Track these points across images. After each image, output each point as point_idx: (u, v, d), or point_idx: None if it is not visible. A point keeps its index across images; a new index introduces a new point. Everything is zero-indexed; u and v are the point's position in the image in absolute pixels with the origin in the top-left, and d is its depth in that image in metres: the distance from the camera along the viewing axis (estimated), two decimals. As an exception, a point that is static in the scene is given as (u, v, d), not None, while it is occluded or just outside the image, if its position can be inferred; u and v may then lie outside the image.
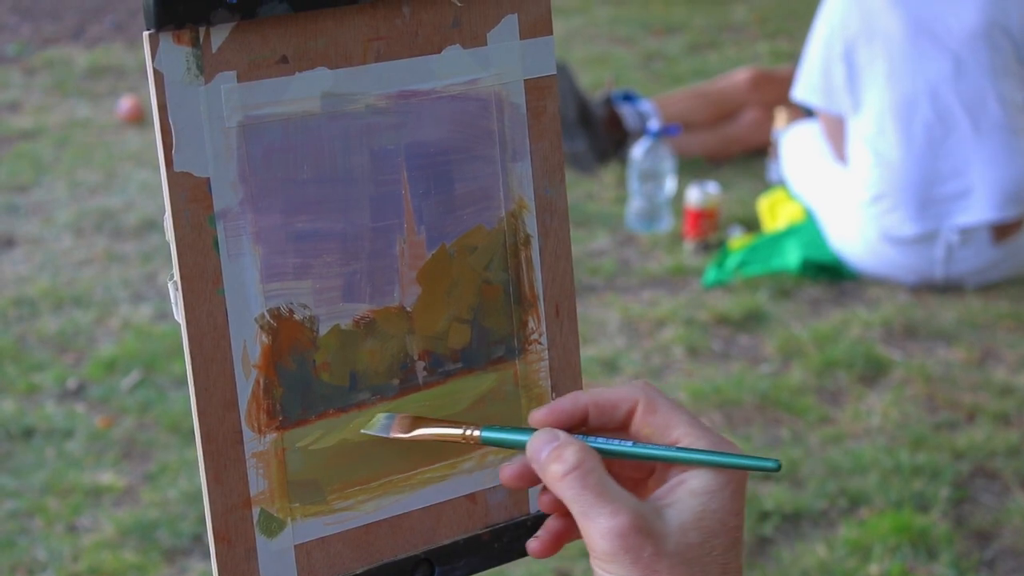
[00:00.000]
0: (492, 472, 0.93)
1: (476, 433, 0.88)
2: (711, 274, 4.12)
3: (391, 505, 0.90)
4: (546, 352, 0.94)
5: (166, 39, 0.80)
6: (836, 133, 4.22)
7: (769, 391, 3.43)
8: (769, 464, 0.82)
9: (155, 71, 0.80)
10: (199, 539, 2.91)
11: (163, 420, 3.36)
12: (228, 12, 0.81)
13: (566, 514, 0.85)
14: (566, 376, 0.95)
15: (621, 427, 0.86)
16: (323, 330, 0.87)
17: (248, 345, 0.84)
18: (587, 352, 3.57)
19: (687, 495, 0.81)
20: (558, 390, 0.94)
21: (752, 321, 3.85)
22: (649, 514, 0.80)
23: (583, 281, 4.07)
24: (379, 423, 0.89)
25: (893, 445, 3.18)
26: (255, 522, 0.86)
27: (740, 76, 5.25)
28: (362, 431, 0.89)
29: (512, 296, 0.92)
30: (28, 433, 3.33)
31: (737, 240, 4.33)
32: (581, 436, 0.84)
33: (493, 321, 0.92)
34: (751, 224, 4.50)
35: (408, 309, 0.89)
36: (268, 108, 0.83)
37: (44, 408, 3.44)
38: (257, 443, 0.85)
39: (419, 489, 0.91)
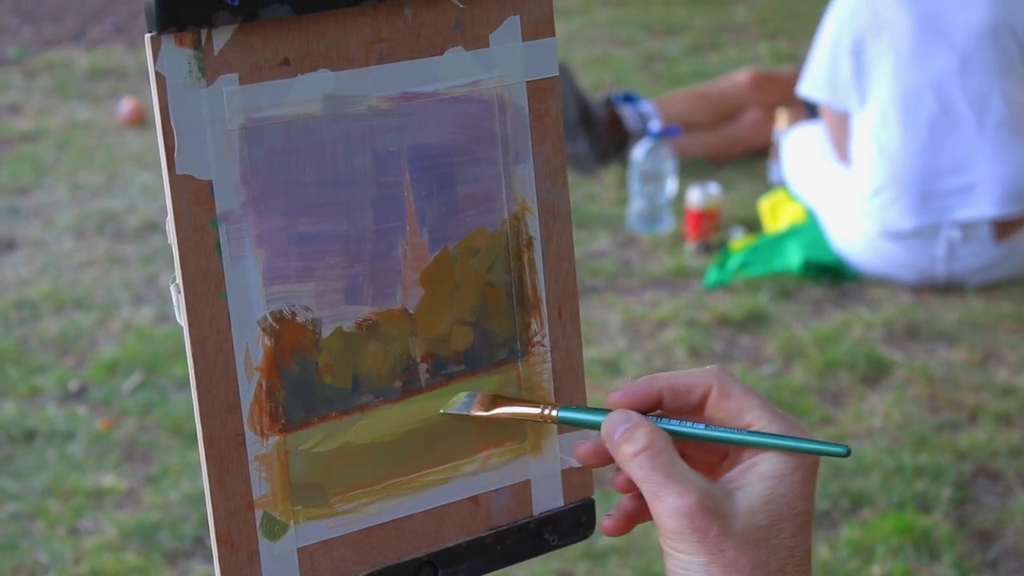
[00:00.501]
0: (495, 475, 0.93)
1: (553, 412, 0.89)
2: (712, 275, 4.12)
3: (394, 508, 0.90)
4: (549, 354, 0.94)
5: (168, 41, 0.80)
6: (839, 129, 4.22)
7: (771, 392, 3.43)
8: (839, 450, 0.83)
9: (157, 73, 0.80)
10: (201, 541, 2.91)
11: (164, 422, 3.36)
12: (230, 14, 0.81)
13: (639, 495, 0.86)
14: (569, 378, 0.94)
15: (695, 411, 0.87)
16: (325, 332, 0.86)
17: (250, 348, 0.84)
18: (588, 353, 3.57)
19: (756, 478, 0.82)
20: (560, 392, 0.94)
21: (753, 322, 3.85)
22: (717, 495, 0.81)
23: (584, 282, 4.07)
24: (459, 401, 0.90)
25: (895, 446, 3.17)
26: (258, 525, 0.85)
27: (741, 77, 5.25)
28: (442, 411, 0.90)
29: (515, 298, 0.92)
30: (30, 435, 3.33)
31: (738, 241, 4.33)
32: (653, 418, 0.86)
33: (496, 323, 0.92)
34: (752, 225, 4.50)
35: (411, 311, 0.89)
36: (270, 110, 0.83)
37: (45, 410, 3.44)
38: (260, 446, 0.85)
39: (422, 492, 0.91)
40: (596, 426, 0.87)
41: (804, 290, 4.05)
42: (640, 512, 0.89)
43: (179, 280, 0.82)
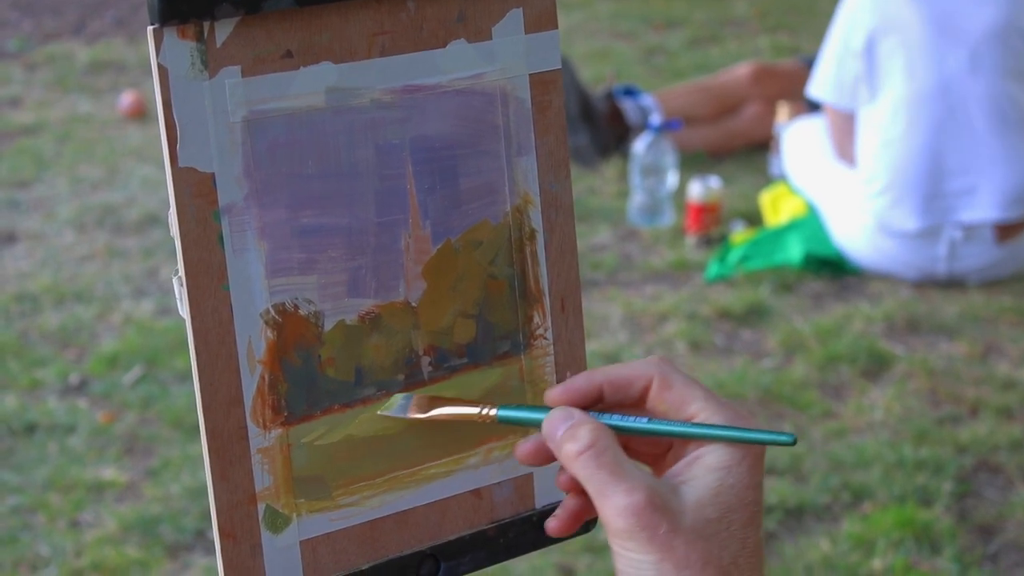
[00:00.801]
0: (497, 467, 0.93)
1: (492, 412, 0.88)
2: (713, 268, 4.12)
3: (396, 501, 0.90)
4: (551, 347, 0.94)
5: (170, 34, 0.79)
6: (842, 130, 4.22)
7: (772, 385, 3.43)
8: (784, 438, 0.81)
9: (159, 66, 0.80)
10: (202, 534, 2.91)
11: (165, 415, 3.36)
12: (232, 7, 0.81)
13: (583, 492, 0.84)
14: (572, 371, 0.94)
15: (637, 404, 0.85)
16: (328, 325, 0.86)
17: (253, 341, 0.84)
18: (589, 347, 3.57)
19: (703, 471, 0.81)
20: (564, 385, 0.94)
21: (754, 315, 3.85)
22: (665, 491, 0.80)
23: (585, 276, 4.07)
24: (396, 404, 0.89)
25: (896, 439, 3.18)
26: (260, 518, 0.85)
27: (741, 71, 5.25)
28: (379, 412, 0.88)
29: (517, 291, 0.92)
30: (30, 429, 3.33)
31: (739, 234, 4.33)
32: (595, 414, 0.84)
33: (498, 316, 0.92)
34: (753, 218, 4.50)
35: (413, 304, 0.89)
36: (273, 103, 0.83)
37: (46, 404, 3.44)
38: (262, 439, 0.85)
39: (424, 485, 0.91)
40: (537, 424, 0.85)
41: (805, 284, 4.05)
42: (585, 509, 0.87)
43: (181, 273, 0.82)
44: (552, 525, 0.89)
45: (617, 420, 0.84)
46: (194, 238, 0.82)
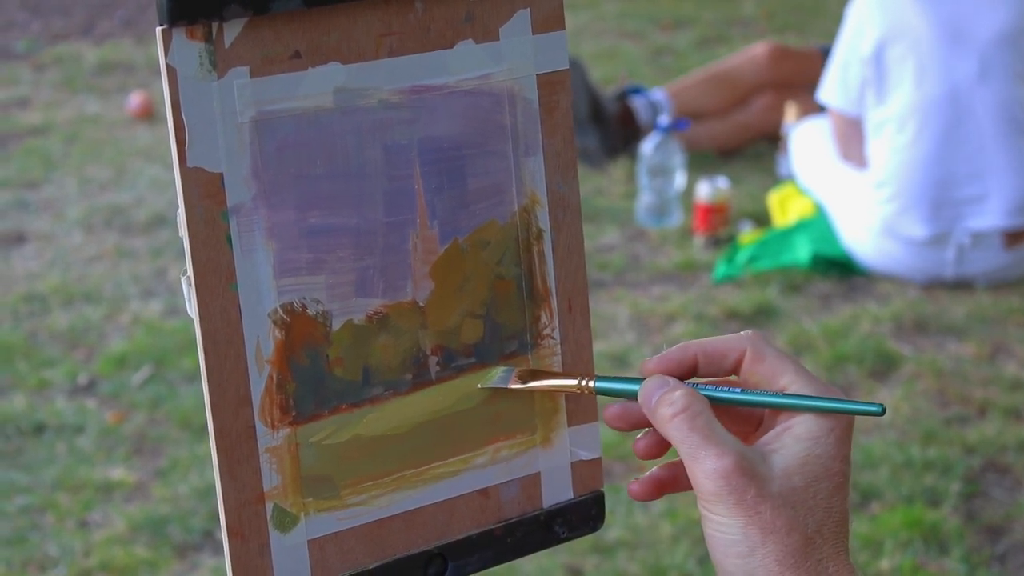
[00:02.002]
0: (504, 467, 0.93)
1: (591, 384, 0.90)
2: (721, 269, 4.12)
3: (404, 500, 0.90)
4: (559, 347, 0.94)
5: (179, 35, 0.80)
6: (846, 135, 4.20)
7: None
8: (873, 408, 0.84)
9: (168, 67, 0.80)
10: (210, 535, 2.91)
11: (174, 416, 3.36)
12: (241, 7, 0.81)
13: (669, 465, 0.89)
14: (578, 371, 0.94)
15: (729, 375, 0.88)
16: (336, 325, 0.87)
17: (261, 340, 0.84)
18: (597, 347, 3.56)
19: (792, 440, 0.83)
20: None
21: (762, 316, 3.85)
22: (754, 457, 0.82)
23: (592, 276, 4.07)
24: (497, 375, 0.91)
25: (904, 440, 3.17)
26: (268, 517, 0.86)
27: (758, 50, 5.17)
28: (480, 385, 0.91)
29: (525, 291, 0.92)
30: (39, 429, 3.34)
31: (747, 235, 4.32)
32: (689, 383, 0.87)
33: (506, 316, 0.92)
34: (761, 219, 4.50)
35: (421, 304, 0.89)
36: (281, 103, 0.83)
37: (55, 404, 3.44)
38: (270, 438, 0.85)
39: (432, 484, 0.91)
40: (633, 395, 0.88)
41: (813, 284, 4.05)
42: (669, 482, 0.90)
43: (190, 272, 0.82)
44: (634, 488, 0.91)
45: (710, 390, 0.86)
46: (203, 238, 0.82)
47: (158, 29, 0.80)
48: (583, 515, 0.96)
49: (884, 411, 0.84)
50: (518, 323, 0.92)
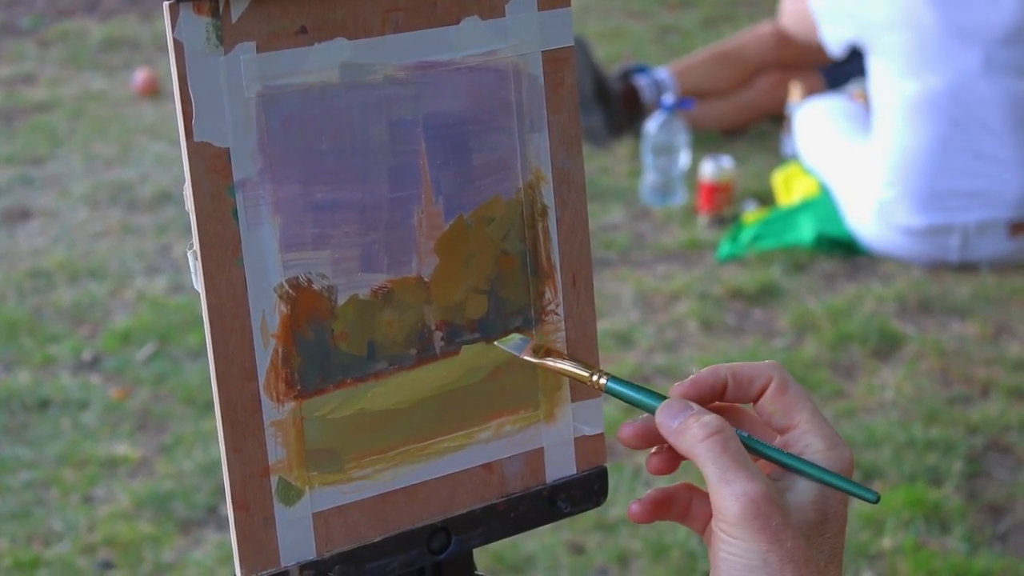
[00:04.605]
0: (508, 442, 0.94)
1: (603, 381, 0.90)
2: (725, 248, 4.12)
3: (408, 474, 0.90)
4: (563, 323, 0.94)
5: (186, 9, 0.80)
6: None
7: (783, 365, 3.42)
8: (868, 495, 0.86)
9: (175, 41, 0.80)
10: (214, 510, 2.92)
11: (178, 392, 3.37)
12: (247, -18, 0.81)
13: (667, 490, 0.91)
14: (582, 347, 0.95)
15: (751, 401, 0.90)
16: (341, 300, 0.87)
17: (267, 315, 0.85)
18: (601, 326, 3.57)
19: (804, 479, 0.86)
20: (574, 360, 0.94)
21: (766, 295, 3.85)
22: (776, 488, 0.84)
23: (597, 255, 4.07)
24: (513, 340, 0.91)
25: (907, 419, 3.18)
26: (273, 490, 0.86)
27: (763, 30, 5.15)
28: (496, 343, 0.91)
29: (529, 267, 0.92)
30: (44, 404, 3.35)
31: (751, 214, 4.32)
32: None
33: (510, 292, 0.92)
34: (765, 198, 4.49)
35: (426, 279, 0.89)
36: (287, 78, 0.83)
37: (60, 379, 3.45)
38: (275, 412, 0.86)
39: (436, 458, 0.91)
40: (648, 409, 0.88)
41: (817, 263, 4.05)
42: (666, 508, 0.91)
43: (196, 247, 0.83)
44: (634, 509, 0.92)
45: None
46: (209, 212, 0.82)
47: (165, 4, 0.80)
48: (586, 490, 0.97)
49: (878, 499, 0.86)
50: (522, 299, 0.93)
